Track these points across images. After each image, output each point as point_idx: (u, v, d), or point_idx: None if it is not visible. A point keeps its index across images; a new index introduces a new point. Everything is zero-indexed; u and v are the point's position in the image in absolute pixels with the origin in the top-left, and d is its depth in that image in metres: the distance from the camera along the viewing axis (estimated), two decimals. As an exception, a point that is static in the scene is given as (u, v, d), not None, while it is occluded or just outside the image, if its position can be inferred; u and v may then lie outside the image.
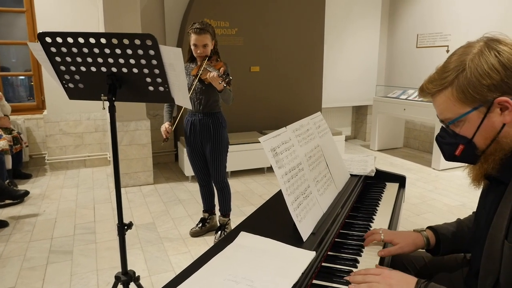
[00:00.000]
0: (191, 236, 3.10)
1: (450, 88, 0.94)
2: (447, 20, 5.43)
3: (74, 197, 4.03)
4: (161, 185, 4.42)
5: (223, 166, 2.96)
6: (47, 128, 4.87)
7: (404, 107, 5.46)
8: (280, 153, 1.18)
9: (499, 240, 0.94)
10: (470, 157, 1.01)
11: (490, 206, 1.02)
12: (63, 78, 1.68)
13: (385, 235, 1.25)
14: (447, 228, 1.29)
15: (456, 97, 0.94)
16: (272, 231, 1.17)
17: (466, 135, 0.97)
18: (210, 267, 0.98)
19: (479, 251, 1.02)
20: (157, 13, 4.96)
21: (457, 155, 1.02)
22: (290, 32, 5.24)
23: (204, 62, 2.66)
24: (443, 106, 0.98)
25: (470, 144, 0.98)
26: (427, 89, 1.00)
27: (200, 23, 2.64)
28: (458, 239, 1.26)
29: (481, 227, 1.06)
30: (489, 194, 1.06)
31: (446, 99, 0.96)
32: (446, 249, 1.26)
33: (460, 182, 4.50)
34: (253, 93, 5.16)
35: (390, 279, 0.99)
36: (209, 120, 2.83)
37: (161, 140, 2.88)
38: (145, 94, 1.69)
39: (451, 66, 0.95)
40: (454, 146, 1.01)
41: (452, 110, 0.96)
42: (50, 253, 2.85)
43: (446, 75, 0.95)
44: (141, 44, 1.48)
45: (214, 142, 2.85)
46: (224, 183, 3.00)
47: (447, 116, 0.98)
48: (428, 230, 1.29)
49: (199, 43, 2.65)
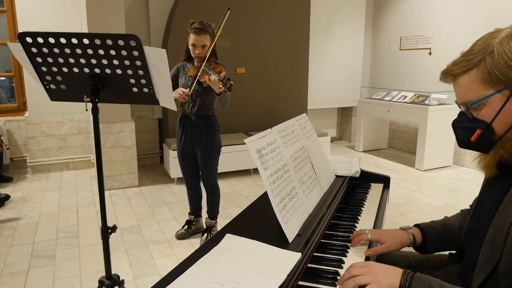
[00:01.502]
0: (177, 238, 3.07)
1: (476, 70, 0.95)
2: (429, 23, 5.53)
3: (57, 200, 3.95)
4: (146, 188, 4.37)
5: (214, 169, 2.93)
6: (28, 130, 4.77)
7: (388, 109, 5.53)
8: (265, 154, 1.18)
9: (504, 228, 0.94)
10: (485, 143, 1.00)
11: (497, 196, 1.02)
12: (44, 79, 1.65)
13: (372, 234, 1.26)
14: (434, 226, 1.30)
15: (480, 78, 0.94)
16: (258, 232, 1.16)
17: (485, 119, 0.97)
18: (195, 269, 0.97)
19: (478, 242, 1.02)
20: (142, 13, 4.91)
21: (472, 141, 1.02)
22: (276, 33, 5.26)
23: (203, 64, 2.60)
24: (466, 88, 0.98)
25: (488, 128, 0.98)
26: (451, 71, 1.00)
27: (199, 23, 2.60)
28: (445, 237, 1.28)
29: (482, 219, 1.06)
30: (496, 184, 1.06)
31: (470, 81, 0.96)
32: (433, 247, 1.28)
33: (443, 182, 4.58)
34: (239, 94, 5.15)
35: (375, 270, 0.99)
36: (202, 122, 2.80)
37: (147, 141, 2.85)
38: (129, 96, 1.67)
39: (477, 48, 0.96)
40: (471, 130, 1.01)
41: (475, 92, 0.96)
42: (31, 258, 2.78)
43: (472, 57, 0.96)
44: (124, 44, 1.47)
45: (206, 145, 2.82)
46: (214, 185, 2.97)
47: (469, 98, 0.98)
48: (415, 228, 1.30)
49: (197, 44, 2.61)
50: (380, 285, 0.96)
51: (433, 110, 4.89)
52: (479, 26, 4.77)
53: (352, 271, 1.00)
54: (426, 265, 1.34)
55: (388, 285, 0.96)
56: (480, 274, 0.99)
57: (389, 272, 0.99)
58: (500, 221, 0.96)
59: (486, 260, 0.98)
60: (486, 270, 0.97)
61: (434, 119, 4.91)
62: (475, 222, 1.12)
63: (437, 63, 5.43)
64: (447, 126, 5.51)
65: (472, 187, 4.36)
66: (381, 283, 0.96)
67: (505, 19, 4.47)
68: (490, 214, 1.02)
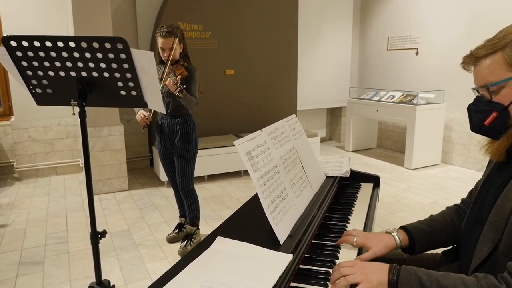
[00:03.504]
0: (168, 242, 3.05)
1: (500, 52, 0.98)
2: (415, 24, 5.59)
3: (45, 205, 3.89)
4: (136, 191, 4.33)
5: (189, 172, 2.87)
6: (15, 135, 4.70)
7: (376, 108, 5.58)
8: (255, 156, 1.17)
9: (507, 209, 0.97)
10: (498, 127, 1.02)
11: (502, 182, 1.05)
12: (30, 83, 1.63)
13: (358, 239, 1.26)
14: (420, 226, 1.31)
15: (505, 60, 0.98)
16: (249, 235, 1.16)
17: (502, 102, 1.00)
18: (186, 273, 0.96)
19: (479, 231, 1.04)
20: (129, 16, 4.87)
21: (485, 124, 1.04)
22: (264, 35, 5.26)
23: (167, 66, 2.64)
24: (489, 70, 1.01)
25: (504, 112, 1.00)
26: (476, 53, 1.03)
27: (167, 26, 2.63)
28: (431, 236, 1.29)
29: (485, 206, 1.08)
30: (501, 172, 1.08)
31: (493, 62, 0.99)
32: (421, 247, 1.29)
33: (432, 180, 4.63)
34: (228, 96, 5.15)
35: (364, 269, 1.03)
36: (176, 122, 2.79)
37: (136, 144, 2.84)
38: (117, 99, 1.65)
39: (502, 34, 1.00)
40: (487, 113, 1.03)
41: (497, 73, 0.99)
42: (20, 265, 2.74)
43: (497, 41, 0.99)
44: (111, 47, 1.45)
45: (182, 145, 2.80)
46: (189, 189, 2.90)
47: (490, 79, 1.01)
48: (400, 231, 1.31)
49: (165, 47, 2.63)
50: (371, 283, 0.99)
51: (421, 110, 4.94)
52: (465, 26, 4.85)
53: (342, 270, 1.04)
54: (420, 264, 1.35)
55: (377, 282, 0.99)
56: (480, 253, 1.01)
57: (376, 269, 1.03)
58: (503, 203, 0.99)
59: (487, 239, 1.00)
60: (487, 249, 1.00)
61: (422, 118, 4.97)
62: (477, 211, 1.14)
63: (424, 63, 5.49)
64: (435, 125, 5.59)
65: (460, 185, 4.42)
66: (371, 281, 1.00)
67: (491, 19, 4.55)
68: (493, 201, 1.04)
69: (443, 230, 1.30)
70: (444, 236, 1.30)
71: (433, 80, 5.37)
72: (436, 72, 5.29)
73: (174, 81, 2.50)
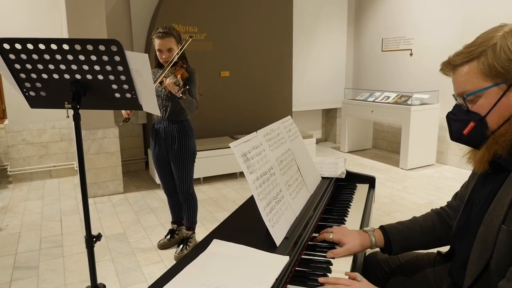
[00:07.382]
0: (159, 248, 2.99)
1: (476, 61, 0.96)
2: (409, 25, 5.62)
3: (39, 209, 3.86)
4: (131, 194, 4.31)
5: (189, 176, 2.84)
6: (8, 138, 4.66)
7: (371, 109, 5.59)
8: (251, 158, 1.17)
9: (495, 226, 0.95)
10: (477, 137, 1.01)
11: (488, 195, 1.03)
12: (23, 86, 1.61)
13: (333, 235, 1.28)
14: (398, 227, 1.32)
15: (480, 70, 0.95)
16: (245, 237, 1.16)
17: (479, 112, 0.98)
18: (183, 276, 0.96)
19: (469, 241, 1.04)
20: (124, 18, 4.86)
21: (464, 133, 1.02)
22: (259, 36, 5.27)
23: (167, 68, 2.56)
24: (465, 78, 0.99)
25: (482, 122, 0.98)
26: (452, 61, 1.01)
27: (163, 28, 2.57)
28: (409, 238, 1.30)
29: (473, 217, 1.07)
30: (487, 183, 1.07)
31: (470, 71, 0.97)
32: (397, 248, 1.30)
33: (427, 180, 4.65)
34: (223, 98, 5.15)
35: None
36: (174, 128, 2.73)
37: (132, 147, 2.80)
38: (112, 101, 1.64)
39: (479, 40, 0.97)
40: (465, 123, 1.02)
41: (473, 82, 0.97)
42: (14, 269, 2.71)
43: (473, 49, 0.97)
44: (106, 50, 1.44)
45: (179, 151, 2.75)
46: (189, 194, 2.87)
47: (466, 89, 0.99)
48: (377, 230, 1.32)
49: (163, 48, 2.57)
50: None
51: (415, 110, 4.97)
52: (458, 27, 4.88)
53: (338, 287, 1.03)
54: (414, 264, 1.36)
55: None
56: (472, 272, 1.00)
57: None
58: (491, 219, 0.97)
59: (478, 258, 0.99)
60: (478, 267, 0.98)
61: (417, 118, 4.99)
62: (465, 220, 1.13)
63: (418, 63, 5.52)
64: (430, 125, 5.60)
65: (454, 185, 4.44)
66: None
67: (484, 20, 4.58)
68: (481, 213, 1.03)
69: (423, 232, 1.31)
70: (423, 239, 1.30)
71: (427, 80, 5.40)
72: (430, 73, 5.31)
73: (174, 82, 2.43)
